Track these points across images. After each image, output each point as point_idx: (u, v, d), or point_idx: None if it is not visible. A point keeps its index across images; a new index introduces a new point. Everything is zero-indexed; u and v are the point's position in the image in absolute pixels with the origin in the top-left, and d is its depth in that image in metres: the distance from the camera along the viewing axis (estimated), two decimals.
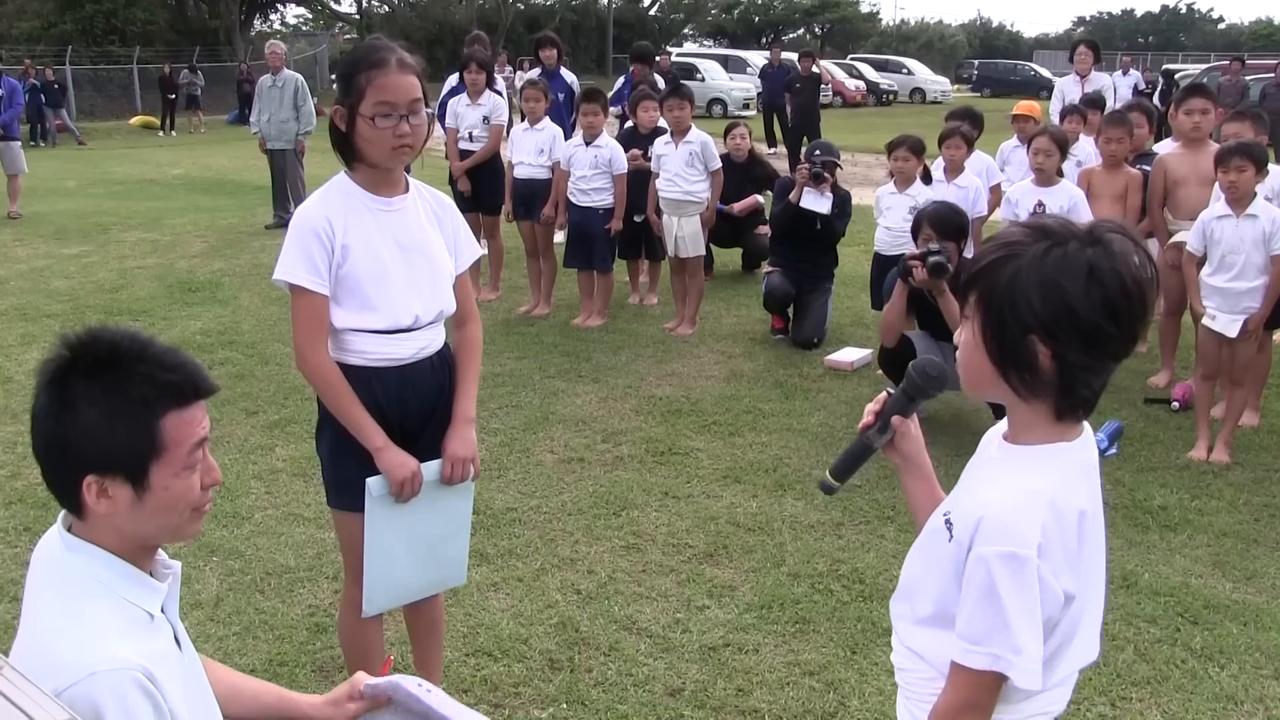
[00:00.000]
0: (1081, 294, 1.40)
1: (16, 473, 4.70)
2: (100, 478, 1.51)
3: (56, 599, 1.52)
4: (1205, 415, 5.14)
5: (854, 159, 17.43)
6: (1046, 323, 1.42)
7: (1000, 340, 1.48)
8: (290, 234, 2.49)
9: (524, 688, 3.19)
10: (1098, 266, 1.41)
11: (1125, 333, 1.44)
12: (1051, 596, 1.45)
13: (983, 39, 77.93)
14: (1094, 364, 1.46)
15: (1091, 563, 1.55)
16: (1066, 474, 1.50)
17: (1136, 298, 1.42)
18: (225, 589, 3.74)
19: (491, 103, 7.73)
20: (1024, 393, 1.50)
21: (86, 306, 7.64)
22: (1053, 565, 1.44)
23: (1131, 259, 1.42)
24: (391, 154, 2.45)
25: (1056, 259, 1.42)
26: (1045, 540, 1.44)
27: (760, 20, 62.27)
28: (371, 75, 2.39)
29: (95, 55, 30.12)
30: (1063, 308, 1.41)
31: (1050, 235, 1.44)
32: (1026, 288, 1.43)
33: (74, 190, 14.48)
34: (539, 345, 6.74)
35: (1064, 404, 1.49)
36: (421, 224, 2.60)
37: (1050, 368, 1.45)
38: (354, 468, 2.58)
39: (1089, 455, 1.56)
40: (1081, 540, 1.49)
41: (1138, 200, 5.88)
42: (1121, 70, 18.84)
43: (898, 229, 6.14)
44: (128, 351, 1.53)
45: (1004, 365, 1.49)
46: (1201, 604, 3.72)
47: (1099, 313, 1.41)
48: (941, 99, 38.98)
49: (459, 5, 46.02)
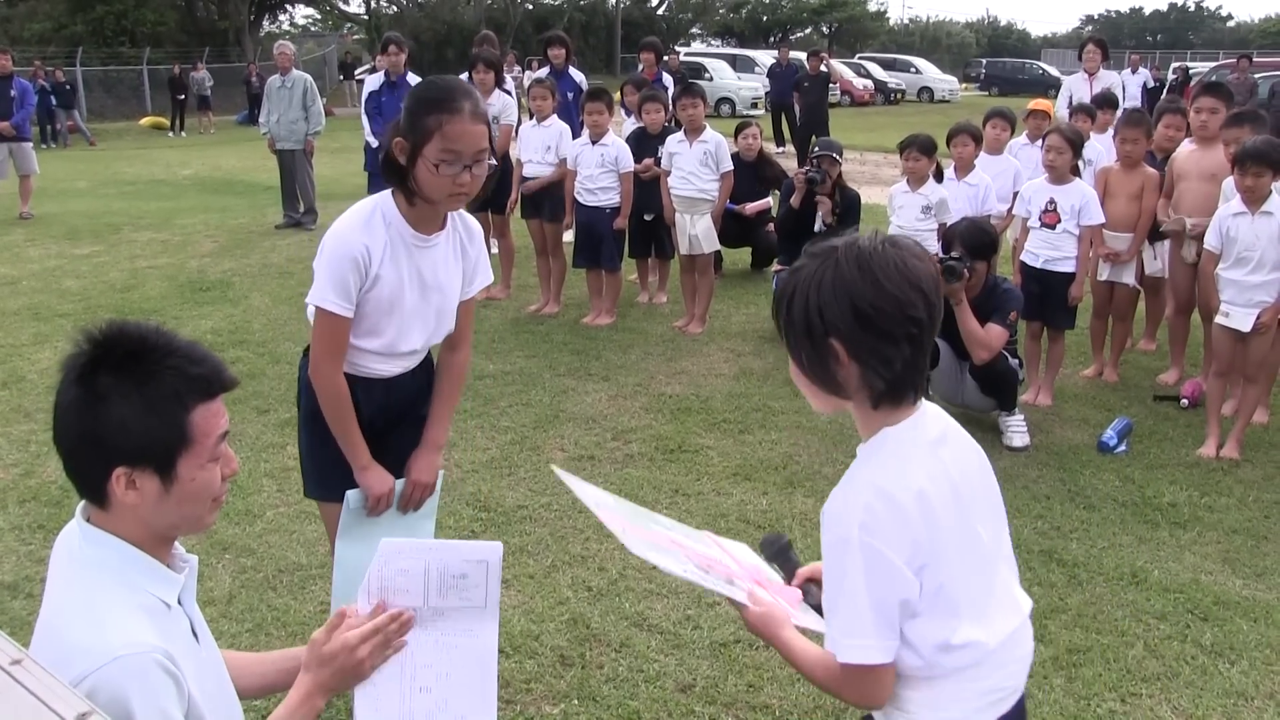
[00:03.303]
0: (856, 287, 1.56)
1: (30, 471, 4.73)
2: (130, 469, 1.53)
3: (76, 589, 1.54)
4: (1216, 412, 5.14)
5: (862, 158, 17.43)
6: (832, 323, 1.58)
7: (808, 355, 1.63)
8: (328, 256, 2.49)
9: (535, 684, 3.20)
10: (863, 263, 1.57)
11: (906, 314, 1.57)
12: (889, 569, 1.55)
13: (991, 38, 77.77)
14: (882, 349, 1.58)
15: (956, 533, 1.61)
16: (894, 457, 1.62)
17: (902, 282, 1.57)
18: (238, 586, 3.76)
19: (500, 102, 7.75)
20: (843, 393, 1.64)
21: (98, 306, 7.68)
22: (884, 539, 1.55)
23: (894, 251, 1.59)
24: (447, 199, 2.45)
25: (829, 270, 1.59)
26: (870, 518, 1.55)
27: (768, 19, 62.24)
28: (442, 120, 2.35)
29: (105, 56, 30.24)
30: (841, 304, 1.57)
31: (817, 255, 1.62)
32: (810, 301, 1.59)
33: (85, 191, 14.54)
34: (549, 344, 6.75)
35: (874, 394, 1.62)
36: (448, 261, 2.63)
37: (849, 364, 1.59)
38: (331, 461, 2.68)
39: (923, 433, 1.66)
40: (928, 517, 1.58)
41: (1153, 200, 5.88)
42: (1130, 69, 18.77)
43: (910, 228, 6.14)
44: (156, 345, 1.56)
45: (815, 375, 1.64)
46: (1211, 600, 3.72)
47: (873, 300, 1.56)
48: (949, 98, 38.94)
49: (467, 6, 46.06)
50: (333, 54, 38.68)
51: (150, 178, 16.24)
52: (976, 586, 1.65)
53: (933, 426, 1.68)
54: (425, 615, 1.74)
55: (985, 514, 1.70)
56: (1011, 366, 5.22)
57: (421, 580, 1.72)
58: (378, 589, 1.73)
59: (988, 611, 1.66)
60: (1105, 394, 5.96)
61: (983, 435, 5.29)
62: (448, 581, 1.73)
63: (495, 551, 1.74)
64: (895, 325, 1.57)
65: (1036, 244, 5.71)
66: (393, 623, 1.70)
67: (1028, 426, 5.23)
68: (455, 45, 35.61)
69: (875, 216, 9.10)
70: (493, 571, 1.73)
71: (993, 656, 1.66)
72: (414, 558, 1.73)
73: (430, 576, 1.72)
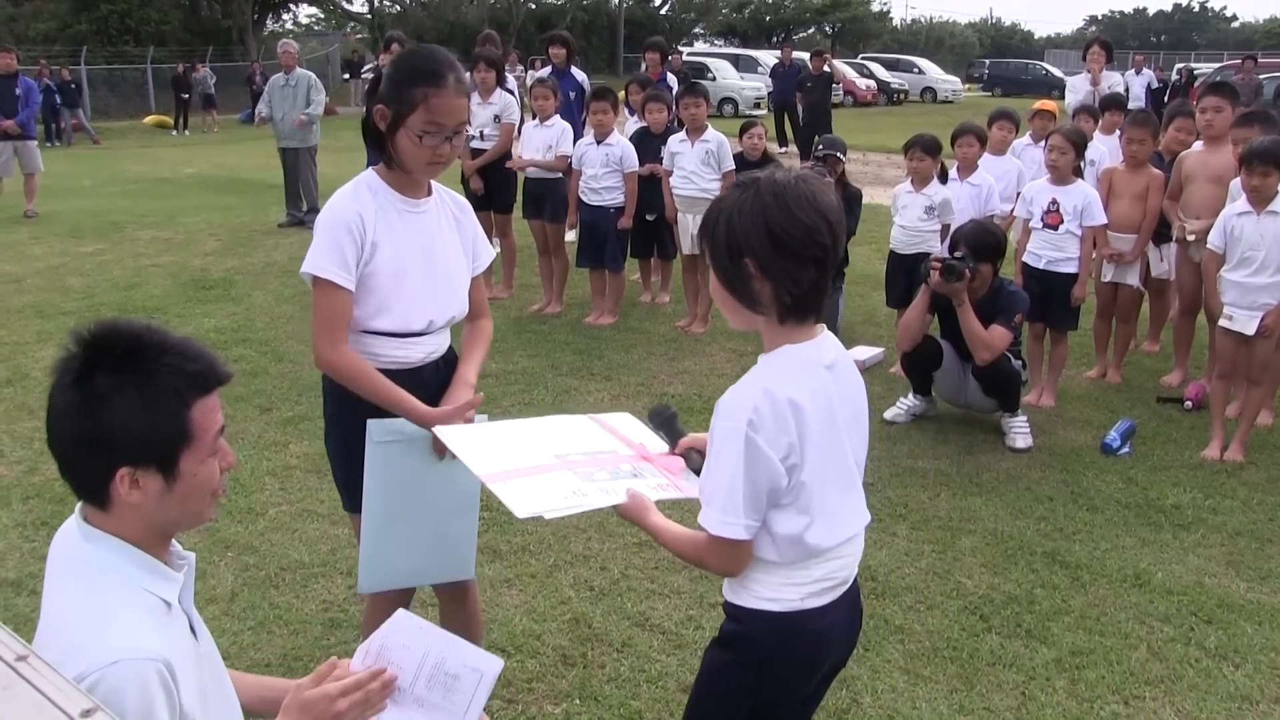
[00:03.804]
0: (772, 213, 1.78)
1: (34, 468, 4.74)
2: (134, 469, 1.53)
3: (77, 588, 1.54)
4: (1220, 414, 5.13)
5: (865, 158, 17.42)
6: (748, 243, 1.80)
7: (725, 272, 1.86)
8: (321, 228, 2.44)
9: (538, 683, 3.20)
10: (779, 193, 1.79)
11: (814, 239, 1.79)
12: (765, 461, 1.79)
13: (994, 39, 77.72)
14: (793, 269, 1.80)
15: (824, 446, 1.85)
16: (787, 369, 1.85)
17: (813, 211, 1.79)
18: (240, 584, 3.76)
19: (502, 101, 7.75)
20: (755, 309, 1.86)
21: (102, 304, 7.68)
22: (766, 436, 1.78)
23: (809, 185, 1.82)
24: (425, 168, 2.45)
25: (749, 198, 1.81)
26: (756, 417, 1.78)
27: (771, 20, 62.19)
28: (428, 92, 2.34)
29: (110, 55, 30.26)
30: (758, 227, 1.79)
31: (740, 185, 1.86)
32: (732, 224, 1.82)
33: (89, 189, 14.55)
34: (551, 343, 6.75)
35: (781, 309, 1.84)
36: (443, 228, 2.59)
37: (762, 281, 1.81)
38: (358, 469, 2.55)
39: (818, 355, 1.88)
40: (803, 425, 1.81)
41: (1158, 201, 5.87)
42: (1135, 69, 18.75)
43: (913, 227, 6.14)
44: (151, 343, 1.55)
45: (733, 290, 1.86)
46: (1215, 603, 3.72)
47: (785, 225, 1.78)
48: (952, 98, 38.88)
49: (470, 5, 46.09)
50: (335, 53, 38.73)
51: (154, 176, 16.25)
52: (831, 495, 1.89)
53: (828, 353, 1.90)
54: (406, 699, 1.73)
55: (854, 439, 1.95)
56: (1014, 368, 5.22)
57: (418, 663, 1.72)
58: (376, 652, 1.73)
59: (835, 518, 1.91)
60: (1108, 395, 5.95)
61: (985, 436, 5.33)
62: (439, 676, 1.73)
63: (494, 667, 1.74)
64: (804, 249, 1.79)
65: (1039, 245, 5.70)
66: (375, 682, 1.69)
67: (1030, 428, 5.23)
68: (458, 44, 35.59)
69: (877, 216, 9.10)
70: (484, 685, 1.73)
71: (831, 553, 1.92)
72: (420, 639, 1.74)
73: (426, 663, 1.73)
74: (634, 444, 2.28)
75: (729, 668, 2.01)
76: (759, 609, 1.92)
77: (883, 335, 6.97)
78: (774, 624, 1.92)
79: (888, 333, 6.87)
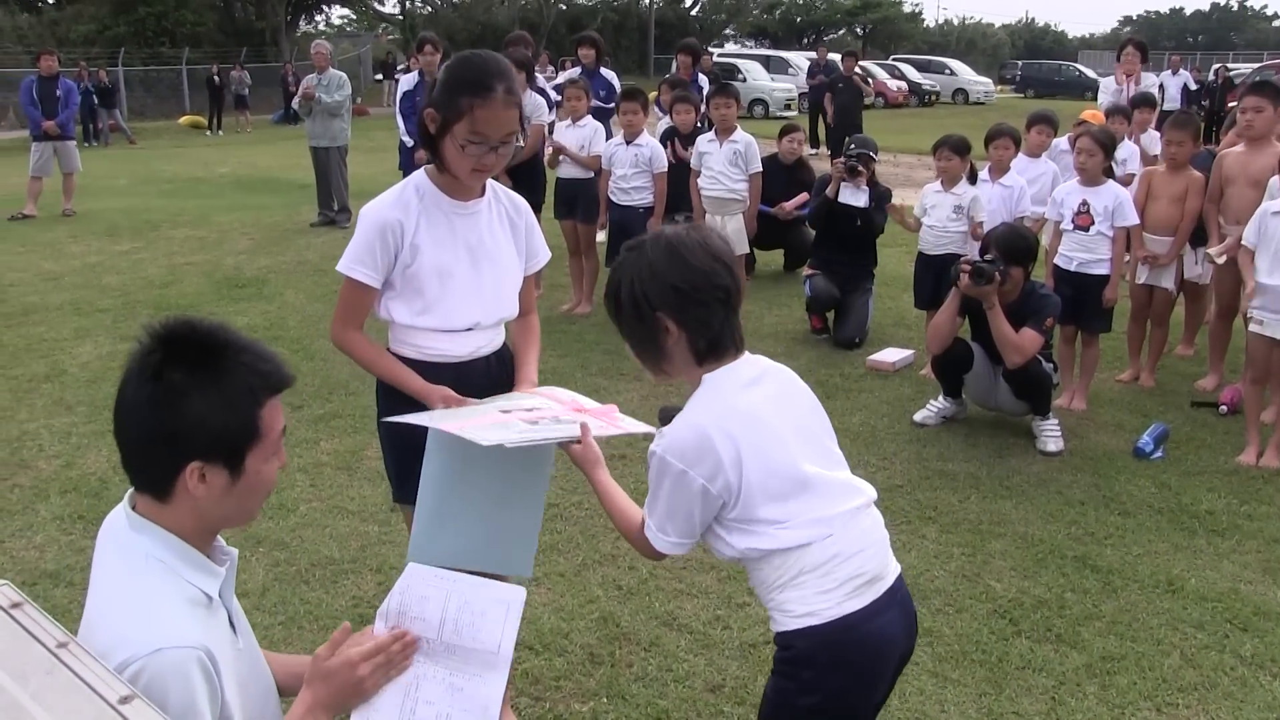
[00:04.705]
0: (669, 268, 1.89)
1: (71, 462, 4.80)
2: (204, 464, 1.56)
3: (121, 576, 1.57)
4: (1255, 420, 5.07)
5: (895, 160, 17.34)
6: (657, 300, 1.90)
7: (638, 333, 1.96)
8: (360, 227, 2.52)
9: (565, 681, 3.21)
10: (671, 248, 1.91)
11: (714, 283, 1.90)
12: (688, 485, 1.89)
13: (1027, 40, 77.12)
14: (703, 315, 1.90)
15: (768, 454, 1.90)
16: (711, 397, 1.94)
17: (706, 256, 1.90)
18: (271, 579, 3.79)
19: (532, 102, 7.78)
20: (671, 360, 1.96)
21: (137, 302, 7.78)
22: (688, 463, 1.88)
23: (696, 235, 1.94)
24: (470, 175, 2.47)
25: (644, 259, 1.92)
26: (676, 449, 1.89)
27: (802, 21, 62.05)
28: (474, 103, 2.34)
29: (146, 57, 30.65)
30: (660, 284, 1.89)
31: (632, 248, 1.96)
32: (634, 287, 1.92)
33: (125, 188, 14.73)
34: (581, 343, 6.77)
35: (697, 354, 1.94)
36: (494, 229, 2.61)
37: (678, 333, 1.91)
38: (411, 460, 2.59)
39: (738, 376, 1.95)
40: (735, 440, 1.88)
41: (1197, 203, 5.80)
42: (1171, 70, 18.56)
43: (941, 227, 6.11)
44: (228, 342, 1.60)
45: (647, 349, 1.97)
46: (1251, 610, 3.67)
47: (684, 277, 1.89)
48: (984, 100, 38.63)
49: (501, 6, 46.27)
50: (368, 53, 39.02)
51: (188, 176, 16.43)
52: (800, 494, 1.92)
53: (747, 371, 1.98)
54: (438, 649, 1.72)
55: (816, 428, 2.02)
56: (1046, 370, 5.18)
57: (440, 610, 1.72)
58: (396, 612, 1.73)
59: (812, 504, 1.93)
60: (1141, 399, 5.89)
61: (1016, 439, 5.30)
62: (465, 617, 1.72)
63: (518, 595, 1.73)
64: (708, 293, 1.89)
65: (1070, 247, 5.65)
66: (396, 643, 1.70)
67: (1062, 431, 5.19)
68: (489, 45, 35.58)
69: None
70: (511, 615, 1.72)
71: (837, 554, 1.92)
72: (438, 586, 1.73)
73: (449, 608, 1.72)
74: (565, 401, 2.45)
75: (790, 695, 1.99)
76: (801, 627, 1.92)
77: (912, 337, 6.93)
78: (821, 637, 1.91)
79: (917, 335, 6.84)
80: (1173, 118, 6.13)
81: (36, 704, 1.26)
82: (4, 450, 4.97)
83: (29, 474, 4.70)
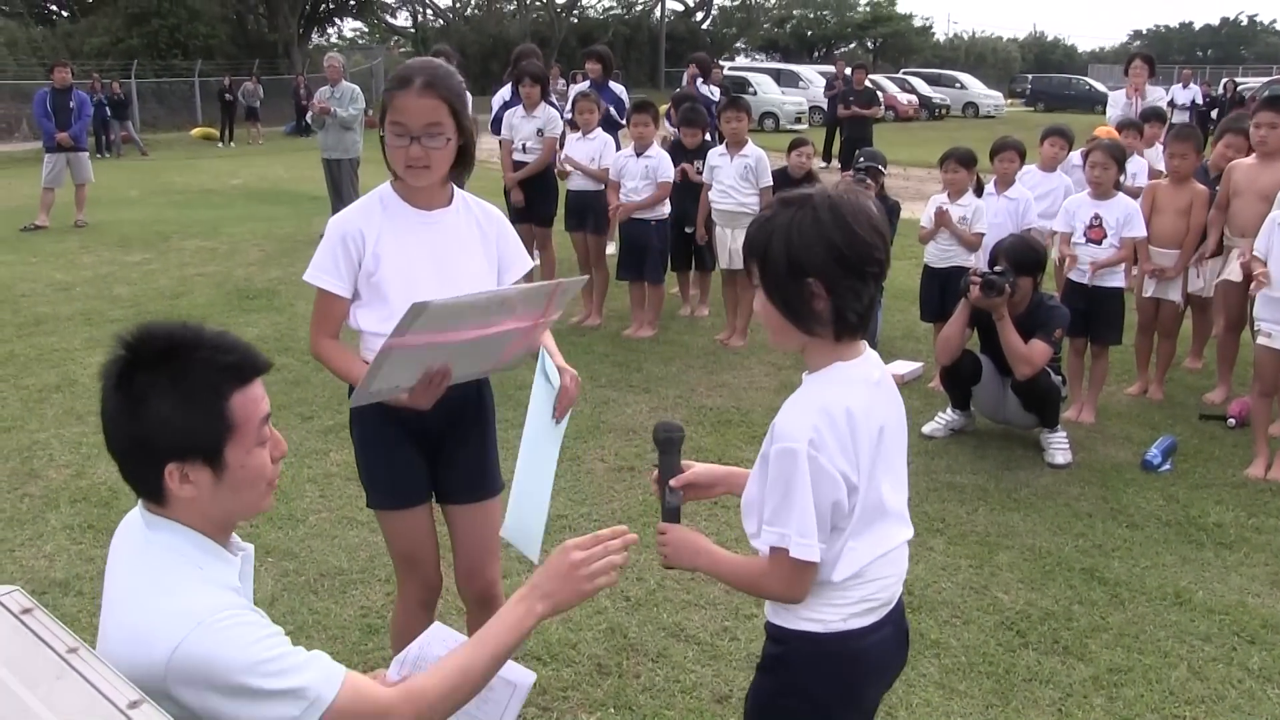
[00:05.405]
0: (833, 231, 1.75)
1: (81, 472, 4.83)
2: (181, 464, 1.58)
3: (147, 571, 1.59)
4: (1263, 432, 5.06)
5: (906, 173, 17.36)
6: (812, 263, 1.76)
7: (783, 292, 1.81)
8: (324, 238, 2.57)
9: (572, 691, 3.22)
10: (836, 210, 1.77)
11: (874, 256, 1.78)
12: (829, 479, 1.76)
13: (1037, 54, 77.12)
14: (857, 286, 1.78)
15: (872, 456, 1.81)
16: (842, 385, 1.82)
17: (869, 228, 1.78)
18: (280, 589, 3.81)
19: (546, 115, 7.82)
20: (811, 330, 1.81)
21: (148, 312, 7.82)
22: (828, 455, 1.75)
23: (859, 200, 1.80)
24: (405, 171, 2.49)
25: (807, 216, 1.77)
26: (817, 436, 1.75)
27: (813, 34, 62.20)
28: (393, 95, 2.42)
29: (159, 69, 30.84)
30: (820, 246, 1.75)
31: (791, 203, 1.80)
32: (791, 243, 1.77)
33: (137, 199, 14.81)
34: (591, 355, 6.78)
35: (840, 329, 1.81)
36: (461, 237, 2.62)
37: (825, 302, 1.78)
38: (381, 466, 2.63)
39: (868, 372, 1.86)
40: (854, 434, 1.78)
41: (1202, 217, 5.81)
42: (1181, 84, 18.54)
43: (947, 240, 6.12)
44: (184, 340, 1.60)
45: (789, 310, 1.82)
46: (1259, 623, 3.66)
47: (847, 243, 1.75)
48: (995, 113, 38.63)
49: (513, 19, 46.49)
50: (379, 66, 39.17)
51: (200, 187, 16.52)
52: (868, 511, 1.84)
53: (875, 370, 1.89)
54: None
55: (900, 454, 1.93)
56: (1054, 383, 5.18)
57: None
58: (413, 661, 1.75)
59: (871, 535, 1.87)
60: (1150, 412, 5.88)
61: (1024, 451, 5.29)
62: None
63: (527, 679, 1.76)
64: (866, 265, 1.78)
65: (1082, 260, 5.65)
66: (615, 539, 1.83)
67: (1070, 443, 5.18)
68: (500, 58, 35.88)
69: (916, 230, 9.04)
70: (516, 697, 1.76)
71: (871, 572, 1.87)
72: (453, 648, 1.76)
73: None
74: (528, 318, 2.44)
75: (773, 696, 1.97)
76: (800, 629, 1.89)
77: (921, 350, 6.93)
78: (814, 645, 1.89)
79: (926, 347, 6.85)
80: (1175, 131, 6.16)
81: (47, 708, 1.28)
82: (15, 459, 5.00)
83: (39, 483, 4.73)
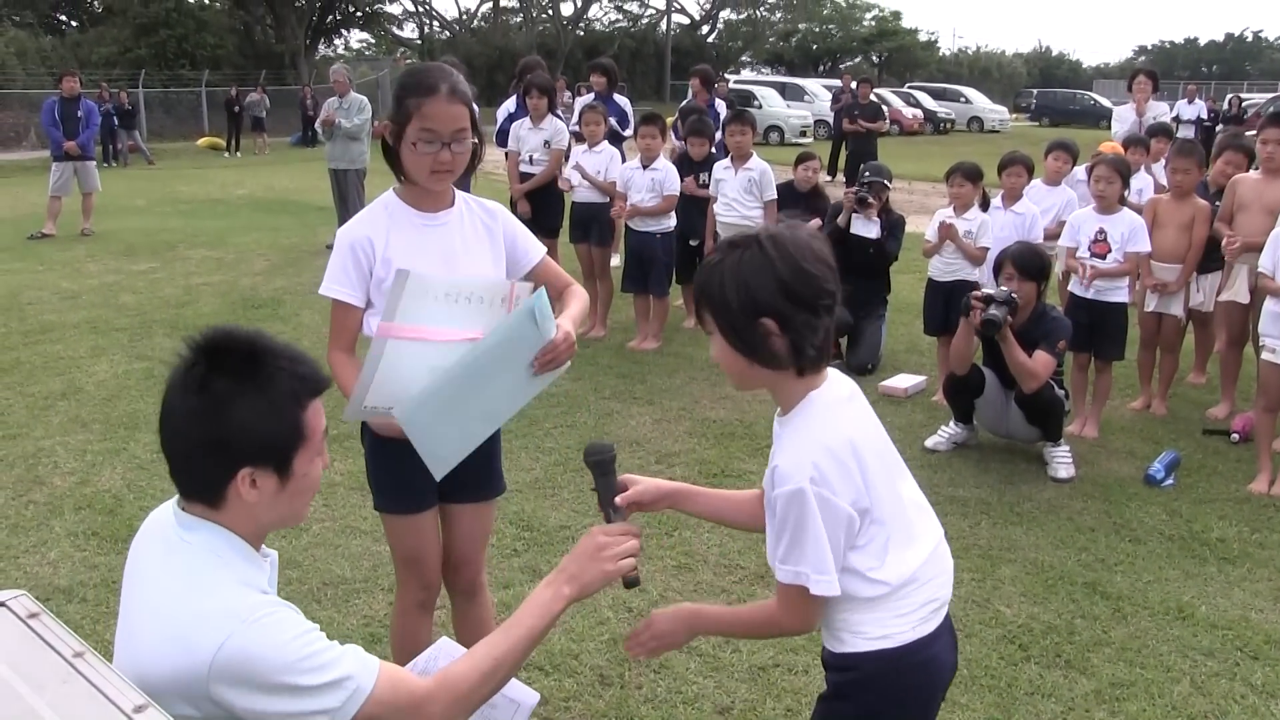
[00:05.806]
0: (781, 269, 1.75)
1: (86, 479, 4.84)
2: (254, 469, 1.61)
3: (184, 573, 1.60)
4: (1267, 448, 5.05)
5: (910, 187, 17.37)
6: (765, 302, 1.76)
7: (739, 334, 1.80)
8: (334, 249, 2.61)
9: (574, 702, 3.22)
10: (781, 247, 1.77)
11: (824, 288, 1.79)
12: (836, 512, 1.77)
13: (1042, 69, 77.22)
14: (811, 321, 1.78)
15: (880, 474, 1.84)
16: (830, 415, 1.83)
17: (816, 260, 1.78)
18: (283, 598, 3.79)
19: (553, 127, 7.85)
20: (772, 368, 1.82)
21: (153, 321, 7.85)
22: (830, 489, 1.76)
23: (801, 235, 1.81)
24: (429, 177, 2.51)
25: (753, 256, 1.77)
26: (818, 473, 1.76)
27: (818, 48, 62.33)
28: (420, 101, 2.43)
29: (166, 79, 30.97)
30: (770, 285, 1.76)
31: (736, 245, 1.81)
32: (741, 285, 1.77)
33: (143, 209, 14.86)
34: (594, 367, 6.80)
35: (800, 363, 1.81)
36: (467, 237, 2.64)
37: (782, 340, 1.78)
38: (390, 471, 2.67)
39: (838, 390, 1.88)
40: (860, 459, 1.80)
41: (1204, 232, 5.82)
42: (1187, 99, 18.57)
43: (951, 254, 6.13)
44: (266, 349, 1.64)
45: (747, 352, 1.81)
46: (1262, 639, 3.66)
47: (797, 279, 1.76)
48: (999, 128, 38.68)
49: (519, 31, 46.67)
50: (385, 77, 39.30)
51: (206, 197, 16.57)
52: (899, 518, 1.87)
53: (843, 386, 1.90)
54: None
55: (895, 451, 1.94)
56: (1057, 396, 5.18)
57: None
58: (419, 674, 1.77)
59: (912, 538, 1.89)
60: (1153, 427, 5.88)
61: (1027, 465, 5.29)
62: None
63: (531, 699, 1.78)
64: (817, 299, 1.78)
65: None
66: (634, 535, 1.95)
67: (1073, 458, 5.18)
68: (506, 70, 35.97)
69: (920, 244, 9.05)
70: (519, 716, 1.76)
71: (924, 574, 1.89)
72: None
73: None
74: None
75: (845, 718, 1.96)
76: (872, 650, 1.87)
77: (924, 364, 6.94)
78: (890, 661, 1.86)
79: (930, 361, 6.85)
80: (1176, 146, 6.19)
81: (53, 712, 1.28)
82: (20, 466, 5.02)
83: (44, 490, 4.75)
